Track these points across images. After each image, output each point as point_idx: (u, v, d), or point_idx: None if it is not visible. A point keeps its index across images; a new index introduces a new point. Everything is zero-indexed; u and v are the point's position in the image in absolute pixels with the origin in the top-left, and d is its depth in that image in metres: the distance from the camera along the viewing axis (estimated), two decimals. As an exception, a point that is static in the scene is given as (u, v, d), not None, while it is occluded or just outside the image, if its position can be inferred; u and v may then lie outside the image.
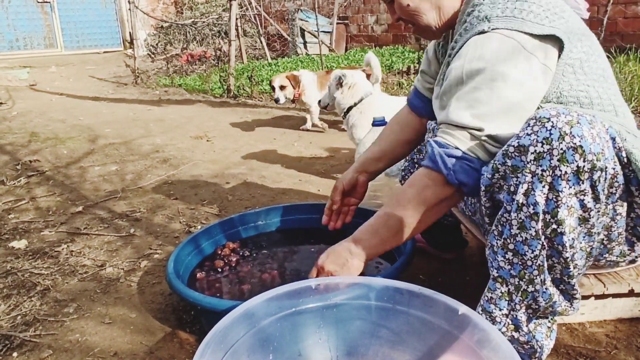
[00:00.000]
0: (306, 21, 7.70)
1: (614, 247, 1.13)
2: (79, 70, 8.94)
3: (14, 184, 2.74)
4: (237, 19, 5.91)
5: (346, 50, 8.14)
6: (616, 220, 1.07)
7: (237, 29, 5.93)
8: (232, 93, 5.72)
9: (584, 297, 1.28)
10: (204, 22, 8.48)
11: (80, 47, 11.69)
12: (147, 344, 1.32)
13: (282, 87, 3.87)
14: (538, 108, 1.08)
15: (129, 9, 7.43)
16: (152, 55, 8.37)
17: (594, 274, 1.28)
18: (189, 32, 8.69)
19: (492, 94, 1.04)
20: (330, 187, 2.56)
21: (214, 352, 0.92)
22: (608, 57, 4.57)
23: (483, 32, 1.08)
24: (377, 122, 1.97)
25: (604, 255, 1.15)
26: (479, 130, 1.05)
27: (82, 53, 11.38)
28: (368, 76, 3.99)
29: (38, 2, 11.02)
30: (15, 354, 1.30)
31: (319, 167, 2.98)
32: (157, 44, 8.96)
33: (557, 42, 1.06)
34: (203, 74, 7.04)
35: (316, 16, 6.74)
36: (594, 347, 1.24)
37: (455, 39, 1.18)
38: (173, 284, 1.30)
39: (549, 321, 1.08)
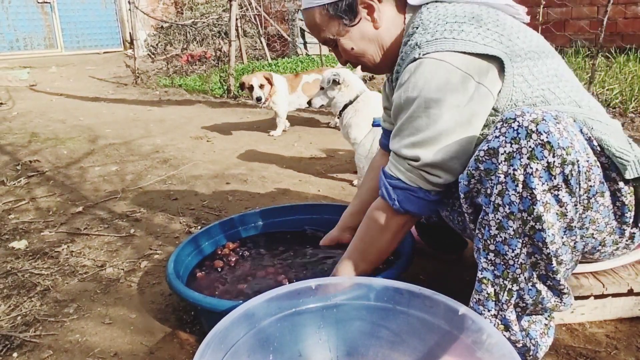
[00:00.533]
0: (306, 21, 7.69)
1: (605, 238, 1.13)
2: (79, 70, 8.94)
3: (14, 184, 2.75)
4: (237, 19, 5.91)
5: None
6: (600, 212, 1.07)
7: (237, 30, 5.93)
8: (232, 93, 5.72)
9: (584, 297, 1.28)
10: (204, 22, 8.48)
11: (81, 48, 11.69)
12: (147, 345, 1.32)
13: (261, 86, 3.83)
14: (485, 126, 1.12)
15: (129, 10, 7.43)
16: (152, 56, 8.38)
17: (592, 274, 1.28)
18: (189, 33, 8.70)
19: (428, 121, 1.08)
20: (330, 187, 2.58)
21: (214, 353, 0.92)
22: (608, 57, 4.59)
23: (415, 59, 1.10)
24: (377, 123, 1.97)
25: (598, 249, 1.15)
26: (415, 160, 1.10)
27: (83, 53, 11.38)
28: None
29: (38, 2, 11.03)
30: (15, 354, 1.30)
31: (318, 167, 2.98)
32: (157, 45, 8.96)
33: (494, 58, 1.08)
34: (203, 75, 7.04)
35: (316, 16, 6.73)
36: (594, 347, 1.24)
37: (397, 69, 1.22)
38: (173, 284, 1.30)
39: (545, 318, 1.08)
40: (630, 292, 1.27)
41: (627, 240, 1.16)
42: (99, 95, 6.23)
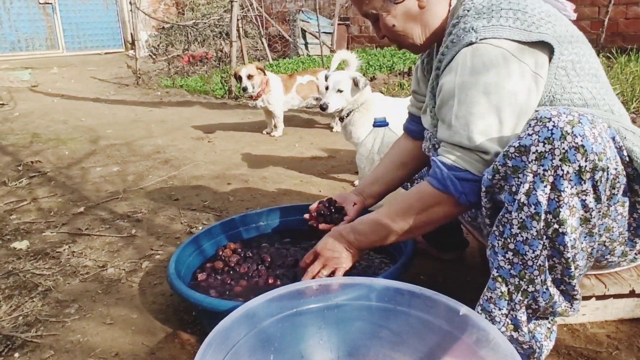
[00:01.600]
0: (307, 22, 7.71)
1: (615, 247, 1.13)
2: (81, 71, 8.96)
3: (16, 184, 2.75)
4: (238, 20, 5.91)
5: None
6: (617, 221, 1.07)
7: (238, 30, 5.93)
8: (233, 94, 5.73)
9: (585, 298, 1.28)
10: (205, 23, 8.49)
11: (82, 48, 11.71)
12: (148, 345, 1.32)
13: (249, 77, 3.75)
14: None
15: (131, 10, 7.44)
16: (154, 57, 8.39)
17: (594, 275, 1.28)
18: (191, 33, 8.70)
19: (488, 107, 1.04)
20: (332, 187, 2.58)
21: (215, 353, 0.92)
22: (609, 57, 4.59)
23: (471, 43, 1.07)
24: (378, 123, 1.97)
25: (606, 257, 1.15)
26: (486, 153, 1.06)
27: (84, 54, 11.39)
28: None
29: (40, 3, 11.04)
30: (16, 355, 1.30)
31: (320, 167, 2.98)
32: (158, 45, 8.98)
33: (546, 47, 1.06)
34: (204, 75, 7.05)
35: (317, 17, 6.75)
36: (595, 347, 1.24)
37: (442, 51, 1.18)
38: (174, 284, 1.30)
39: (549, 322, 1.08)
40: (632, 294, 1.27)
41: (636, 254, 1.16)
42: (100, 96, 6.24)
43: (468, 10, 1.12)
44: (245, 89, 3.75)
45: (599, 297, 1.29)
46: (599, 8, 5.13)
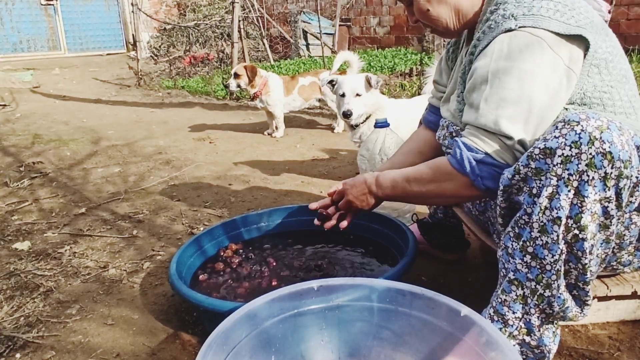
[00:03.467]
0: (309, 23, 7.71)
1: (622, 255, 1.12)
2: (82, 72, 8.97)
3: (17, 185, 2.75)
4: (239, 21, 5.92)
5: (348, 52, 8.14)
6: (630, 229, 1.06)
7: (239, 31, 5.93)
8: (234, 95, 5.73)
9: (587, 299, 1.28)
10: (206, 24, 8.50)
11: (84, 50, 11.74)
12: (149, 345, 1.32)
13: (236, 75, 3.81)
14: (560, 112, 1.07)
15: (132, 12, 7.45)
16: (155, 58, 8.40)
17: (596, 276, 1.28)
18: (192, 34, 8.71)
19: (520, 94, 1.02)
20: (333, 188, 2.57)
21: (216, 354, 0.92)
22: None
23: (510, 30, 1.05)
24: (379, 124, 1.97)
25: (612, 263, 1.15)
26: (509, 138, 1.03)
27: (86, 55, 11.42)
28: (340, 74, 4.00)
29: (42, 4, 11.07)
30: (18, 355, 1.30)
31: (321, 168, 2.98)
32: (159, 46, 8.99)
33: (582, 42, 1.04)
34: (206, 76, 7.05)
35: (319, 18, 6.75)
36: (597, 349, 1.24)
37: (479, 36, 1.16)
38: (175, 285, 1.30)
39: (554, 325, 1.08)
40: (634, 295, 1.27)
41: (639, 263, 1.16)
42: (101, 97, 6.25)
43: None
44: (227, 86, 3.87)
45: (600, 299, 1.29)
46: (600, 9, 5.12)
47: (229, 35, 6.96)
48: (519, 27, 1.04)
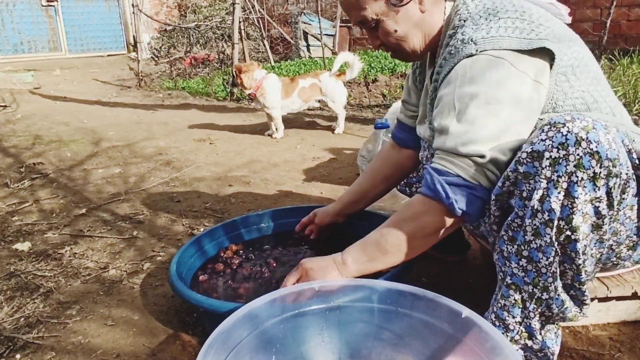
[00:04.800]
0: (309, 24, 7.71)
1: (621, 250, 1.12)
2: (83, 73, 8.98)
3: (18, 186, 2.75)
4: (240, 22, 5.92)
5: (349, 53, 8.14)
6: (625, 224, 1.06)
7: (240, 32, 5.94)
8: (235, 96, 5.74)
9: (588, 300, 1.28)
10: (207, 25, 8.51)
11: (85, 51, 11.74)
12: (149, 346, 1.32)
13: (236, 75, 3.84)
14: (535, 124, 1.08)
15: (133, 13, 7.46)
16: (156, 59, 8.41)
17: (597, 277, 1.28)
18: (193, 35, 8.72)
19: (488, 117, 1.02)
20: (333, 189, 2.58)
21: (217, 354, 0.92)
22: (611, 59, 4.58)
23: (471, 55, 1.05)
24: (379, 125, 1.97)
25: (611, 259, 1.15)
26: (481, 157, 1.02)
27: (86, 56, 11.42)
28: (340, 75, 3.99)
29: (42, 5, 11.08)
30: (18, 356, 1.30)
31: (321, 169, 2.98)
32: (160, 47, 9.00)
33: (546, 53, 1.04)
34: (206, 77, 7.06)
35: (319, 19, 6.76)
36: (598, 350, 1.24)
37: (440, 63, 1.15)
38: (176, 286, 1.30)
39: (555, 326, 1.08)
40: (635, 296, 1.27)
41: (639, 255, 1.16)
42: (102, 98, 6.26)
43: (465, 20, 1.10)
44: (235, 85, 3.95)
45: (601, 300, 1.28)
46: (600, 10, 5.13)
47: (230, 37, 6.96)
48: (480, 51, 1.04)
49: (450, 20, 1.16)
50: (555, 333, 1.07)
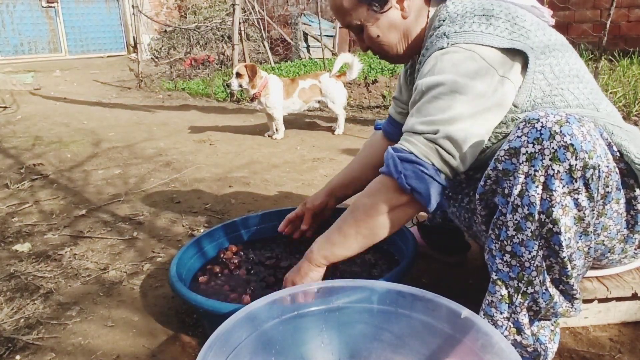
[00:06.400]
0: (309, 25, 7.72)
1: (615, 245, 1.12)
2: (83, 74, 8.99)
3: (18, 187, 2.76)
4: (240, 23, 5.93)
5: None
6: (614, 219, 1.07)
7: (240, 33, 5.94)
8: (235, 97, 5.74)
9: (587, 301, 1.28)
10: (207, 26, 8.52)
11: (85, 52, 11.76)
12: (149, 347, 1.32)
13: (238, 75, 3.82)
14: (503, 124, 1.12)
15: (133, 14, 7.46)
16: (156, 60, 8.41)
17: (596, 277, 1.28)
18: (193, 37, 8.73)
19: (451, 103, 1.05)
20: (333, 190, 2.57)
21: (217, 355, 0.92)
22: (611, 60, 4.58)
23: (442, 48, 1.09)
24: (379, 126, 1.97)
25: (606, 255, 1.15)
26: (434, 133, 1.05)
27: (86, 57, 11.44)
28: (340, 76, 4.00)
29: (43, 6, 11.10)
30: (18, 357, 1.30)
31: (322, 170, 2.98)
32: (160, 48, 9.00)
33: (519, 54, 1.08)
34: (206, 78, 7.06)
35: (319, 20, 6.76)
36: (598, 351, 1.24)
37: (420, 60, 1.21)
38: (176, 287, 1.30)
39: (552, 324, 1.08)
40: (635, 296, 1.27)
41: (636, 249, 1.16)
42: (102, 99, 6.26)
43: (443, 20, 1.15)
44: (229, 85, 3.91)
45: (601, 300, 1.28)
46: (600, 11, 5.13)
47: (230, 38, 6.97)
48: (451, 44, 1.08)
49: (432, 22, 1.21)
50: (552, 330, 1.07)
